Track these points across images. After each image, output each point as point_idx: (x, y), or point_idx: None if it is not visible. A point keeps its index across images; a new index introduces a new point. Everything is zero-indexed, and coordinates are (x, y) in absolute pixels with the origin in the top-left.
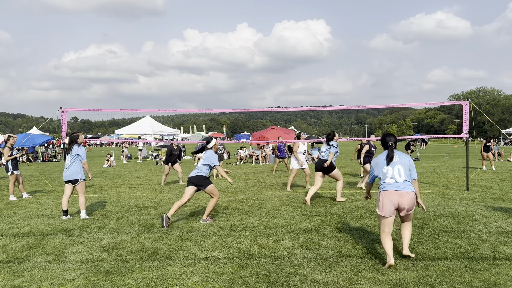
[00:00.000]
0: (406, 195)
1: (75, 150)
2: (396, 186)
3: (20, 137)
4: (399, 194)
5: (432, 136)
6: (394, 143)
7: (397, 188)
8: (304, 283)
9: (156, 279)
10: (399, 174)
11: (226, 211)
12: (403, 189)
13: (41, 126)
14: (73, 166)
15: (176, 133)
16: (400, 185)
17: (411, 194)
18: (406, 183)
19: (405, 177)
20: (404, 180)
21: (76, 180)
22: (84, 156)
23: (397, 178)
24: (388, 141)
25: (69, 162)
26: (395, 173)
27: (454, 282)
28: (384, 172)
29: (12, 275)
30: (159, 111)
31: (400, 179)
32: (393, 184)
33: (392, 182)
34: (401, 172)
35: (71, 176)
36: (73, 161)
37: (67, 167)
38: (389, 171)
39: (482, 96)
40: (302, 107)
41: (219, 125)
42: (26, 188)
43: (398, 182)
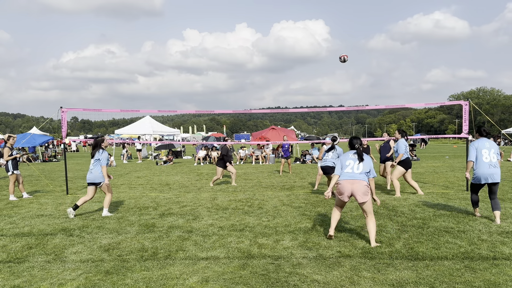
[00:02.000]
0: (357, 182)
1: (98, 155)
2: (350, 176)
3: (20, 137)
4: (351, 182)
5: (432, 136)
6: (360, 145)
7: (351, 177)
8: (304, 283)
9: (156, 279)
10: (358, 168)
11: (226, 211)
12: (355, 178)
13: (41, 126)
14: (95, 170)
15: (176, 133)
16: (354, 175)
17: (362, 182)
18: (360, 175)
19: (362, 171)
20: (359, 173)
21: (99, 183)
22: (104, 161)
23: (354, 170)
24: (355, 144)
25: (92, 165)
26: (354, 166)
27: (454, 282)
28: (346, 164)
29: (12, 275)
30: (159, 112)
31: (357, 171)
32: (349, 174)
33: (350, 172)
34: (360, 167)
35: (95, 179)
36: (95, 164)
37: (90, 170)
38: (350, 164)
39: (482, 96)
40: (302, 108)
41: (219, 125)
42: (26, 188)
43: (354, 173)
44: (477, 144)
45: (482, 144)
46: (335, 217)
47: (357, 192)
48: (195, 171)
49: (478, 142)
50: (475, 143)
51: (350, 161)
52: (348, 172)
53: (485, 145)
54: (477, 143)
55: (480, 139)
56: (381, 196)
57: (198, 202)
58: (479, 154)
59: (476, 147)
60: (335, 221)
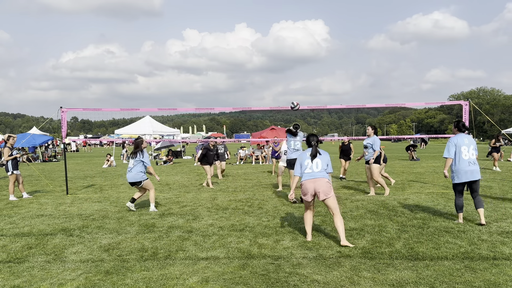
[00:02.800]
0: (319, 180)
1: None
2: (311, 175)
3: (20, 137)
4: (313, 181)
5: (432, 136)
6: (316, 142)
7: (312, 177)
8: (304, 283)
9: (156, 279)
10: (317, 166)
11: (226, 211)
12: (317, 176)
13: (41, 126)
14: (134, 169)
15: (176, 133)
16: (314, 174)
17: (323, 180)
18: (320, 173)
19: (321, 169)
20: (319, 171)
21: (139, 182)
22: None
23: (314, 169)
24: (311, 141)
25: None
26: (313, 165)
27: (454, 282)
28: (305, 164)
29: (12, 275)
30: (159, 111)
31: (316, 169)
32: (310, 174)
33: (310, 172)
34: (318, 165)
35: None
36: (136, 165)
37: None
38: (309, 164)
39: (482, 96)
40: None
41: (219, 125)
42: (26, 188)
43: (314, 172)
44: (456, 140)
45: (461, 141)
46: (308, 222)
47: (319, 189)
48: (195, 171)
49: (457, 138)
50: (453, 139)
51: (308, 161)
52: (308, 172)
53: (464, 142)
54: (456, 139)
55: (459, 135)
56: (381, 197)
57: (198, 202)
58: (458, 151)
59: (456, 144)
60: (309, 226)
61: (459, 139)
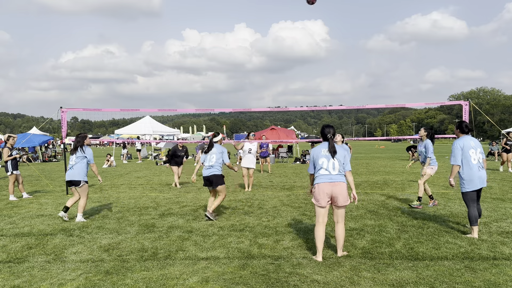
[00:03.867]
0: (337, 185)
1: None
2: (328, 178)
3: (20, 137)
4: (331, 184)
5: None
6: (333, 135)
7: (330, 180)
8: (304, 283)
9: (156, 279)
10: (333, 166)
11: (226, 211)
12: (335, 180)
13: (41, 126)
14: (76, 167)
15: (176, 133)
16: (332, 177)
17: (342, 185)
18: (338, 176)
19: (339, 170)
20: (337, 173)
21: (78, 182)
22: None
23: (330, 170)
24: (327, 133)
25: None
26: (329, 165)
27: (454, 282)
28: (320, 163)
29: (12, 275)
30: (159, 111)
31: (333, 171)
32: (326, 176)
33: (327, 174)
34: (335, 164)
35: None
36: (78, 162)
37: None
38: (324, 163)
39: (482, 96)
40: (302, 107)
41: (219, 125)
42: (26, 188)
43: (331, 174)
44: (462, 144)
45: (467, 144)
46: (320, 237)
47: (339, 195)
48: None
49: (463, 141)
50: (459, 142)
51: (323, 160)
52: (324, 174)
53: (471, 144)
54: (462, 143)
55: (464, 137)
56: (381, 197)
57: (198, 202)
58: (465, 155)
59: (462, 147)
60: (321, 243)
61: (465, 142)
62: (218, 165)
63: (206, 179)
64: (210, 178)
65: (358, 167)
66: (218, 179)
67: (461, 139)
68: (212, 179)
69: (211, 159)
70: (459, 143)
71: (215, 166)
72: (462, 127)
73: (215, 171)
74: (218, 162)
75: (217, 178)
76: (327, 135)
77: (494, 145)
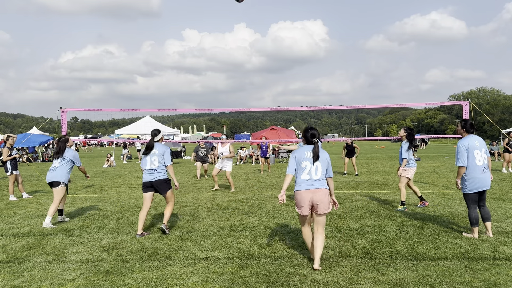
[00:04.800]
0: (319, 191)
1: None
2: (309, 184)
3: (20, 137)
4: (312, 191)
5: (432, 136)
6: (318, 139)
7: (311, 186)
8: (304, 283)
9: (156, 279)
10: (316, 171)
11: (226, 211)
12: (316, 186)
13: (41, 126)
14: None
15: (176, 133)
16: (313, 183)
17: (324, 191)
18: (320, 181)
19: (321, 175)
20: (319, 178)
21: (58, 183)
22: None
23: (313, 175)
24: (312, 137)
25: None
26: (312, 169)
27: (454, 282)
28: (303, 167)
29: (12, 275)
30: (159, 111)
31: (316, 176)
32: (308, 182)
33: (308, 179)
34: (318, 170)
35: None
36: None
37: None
38: (307, 166)
39: (482, 96)
40: (302, 107)
41: (219, 125)
42: (26, 188)
43: (313, 179)
44: (467, 144)
45: (472, 144)
46: (308, 239)
47: (320, 202)
48: (195, 171)
49: (468, 142)
50: (463, 143)
51: (307, 163)
52: (305, 179)
53: (476, 145)
54: (467, 143)
55: (469, 137)
56: (381, 197)
57: (198, 202)
58: (471, 156)
59: (467, 148)
60: (311, 245)
61: (470, 143)
62: (162, 168)
63: (149, 185)
64: (153, 184)
65: (358, 167)
66: (164, 184)
67: (465, 139)
68: (156, 185)
69: (153, 162)
70: (464, 144)
71: (159, 170)
72: (467, 126)
73: (160, 176)
74: (161, 164)
75: (162, 184)
76: (311, 139)
77: (494, 145)
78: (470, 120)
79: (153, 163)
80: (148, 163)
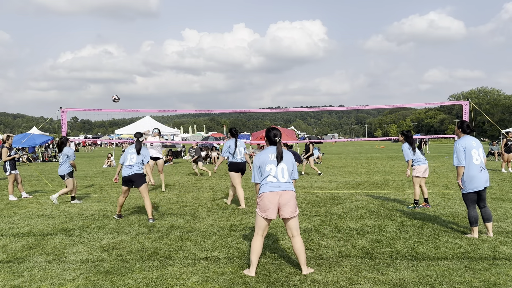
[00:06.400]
0: (285, 193)
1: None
2: (276, 186)
3: (20, 137)
4: (279, 194)
5: (432, 136)
6: (280, 138)
7: (277, 188)
8: (304, 283)
9: (156, 279)
10: (282, 173)
11: (226, 211)
12: (283, 188)
13: (41, 126)
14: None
15: (176, 133)
16: (280, 185)
17: (290, 193)
18: (287, 184)
19: (288, 177)
20: (286, 181)
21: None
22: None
23: (279, 177)
24: (274, 137)
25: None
26: (278, 172)
27: (454, 282)
28: (268, 170)
29: (12, 275)
30: (159, 111)
31: (282, 179)
32: (274, 184)
33: (274, 181)
34: (284, 171)
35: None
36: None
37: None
38: (273, 169)
39: (482, 96)
40: (303, 108)
41: (219, 125)
42: (26, 188)
43: (279, 182)
44: (464, 144)
45: (469, 144)
46: (256, 251)
47: (286, 205)
48: (195, 171)
49: (465, 142)
50: (461, 143)
51: (271, 166)
52: (271, 181)
53: (473, 144)
54: (464, 143)
55: (465, 137)
56: (381, 197)
57: (198, 202)
58: (468, 155)
59: (464, 148)
60: (256, 257)
61: (467, 142)
62: (138, 164)
63: (127, 179)
64: (131, 177)
65: (358, 167)
66: (140, 178)
67: (462, 139)
68: (133, 179)
69: (131, 159)
70: (461, 144)
71: (135, 166)
72: (464, 127)
73: (136, 170)
74: (139, 161)
75: (139, 178)
76: (274, 139)
77: (494, 145)
78: (467, 122)
79: (132, 160)
80: (128, 160)
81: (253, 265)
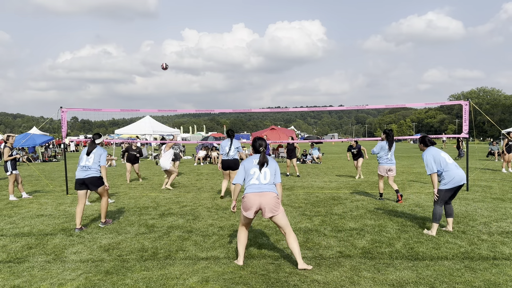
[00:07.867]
0: (265, 195)
1: None
2: (257, 187)
3: (20, 137)
4: (259, 195)
5: (432, 136)
6: (264, 148)
7: (258, 190)
8: (304, 283)
9: (156, 279)
10: (265, 176)
11: (226, 211)
12: (264, 190)
13: (41, 126)
14: None
15: (176, 133)
16: (261, 186)
17: (271, 194)
18: (268, 185)
19: (269, 180)
20: (267, 183)
21: None
22: None
23: (261, 180)
24: (259, 146)
25: None
26: (261, 175)
27: (454, 282)
28: (251, 173)
29: (12, 275)
30: (159, 111)
31: (264, 181)
32: (256, 186)
33: (257, 183)
34: (267, 175)
35: None
36: None
37: None
38: (256, 172)
39: (483, 96)
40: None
41: (219, 125)
42: (26, 188)
43: (261, 183)
44: (431, 153)
45: (435, 151)
46: (242, 242)
47: (265, 206)
48: (195, 171)
49: (431, 151)
50: (427, 153)
51: (255, 169)
52: (254, 183)
53: (439, 152)
54: (431, 153)
55: (429, 148)
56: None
57: (198, 202)
58: (439, 159)
59: (433, 155)
60: (242, 247)
61: (432, 152)
62: (95, 166)
63: (81, 182)
64: (86, 180)
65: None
66: (96, 181)
67: (428, 151)
68: (88, 182)
69: (88, 159)
70: (427, 154)
71: (92, 168)
72: (426, 141)
73: (92, 173)
74: (96, 163)
75: (95, 181)
76: (259, 148)
77: (494, 145)
78: (428, 136)
79: (88, 161)
80: (84, 160)
81: (240, 255)
